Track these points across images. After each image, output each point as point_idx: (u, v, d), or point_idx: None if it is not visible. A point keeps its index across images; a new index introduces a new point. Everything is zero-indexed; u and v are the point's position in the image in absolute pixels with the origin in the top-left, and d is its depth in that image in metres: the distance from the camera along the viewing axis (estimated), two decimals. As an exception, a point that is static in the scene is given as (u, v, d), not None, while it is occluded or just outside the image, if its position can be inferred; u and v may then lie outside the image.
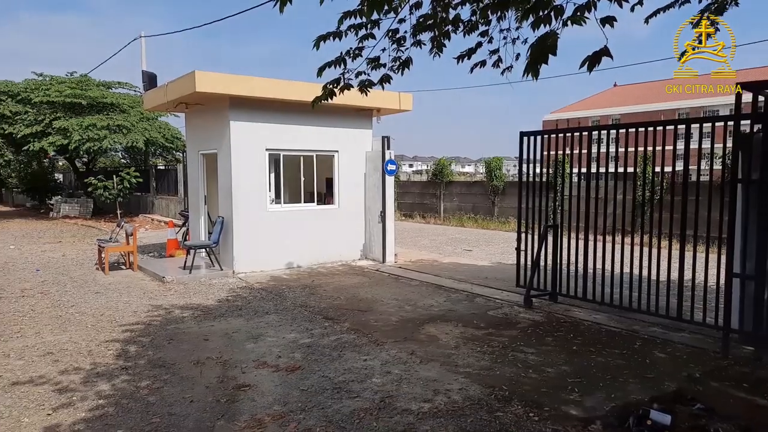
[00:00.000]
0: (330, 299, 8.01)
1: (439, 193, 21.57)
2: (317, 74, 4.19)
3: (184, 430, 3.93)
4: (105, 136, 19.20)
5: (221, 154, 10.22)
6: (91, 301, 7.80)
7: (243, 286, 8.94)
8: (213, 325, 6.64)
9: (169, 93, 10.22)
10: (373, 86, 4.38)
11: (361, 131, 11.43)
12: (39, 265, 10.90)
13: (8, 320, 6.79)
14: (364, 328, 6.51)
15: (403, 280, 9.48)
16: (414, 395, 4.53)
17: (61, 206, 22.79)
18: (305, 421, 4.05)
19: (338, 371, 5.08)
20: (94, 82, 22.08)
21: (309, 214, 10.94)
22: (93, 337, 6.07)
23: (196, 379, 4.92)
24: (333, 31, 4.06)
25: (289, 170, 10.87)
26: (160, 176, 23.24)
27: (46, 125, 19.32)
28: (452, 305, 7.70)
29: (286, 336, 6.21)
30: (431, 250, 13.40)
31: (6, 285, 8.89)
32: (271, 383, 4.81)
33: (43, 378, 4.87)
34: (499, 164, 19.96)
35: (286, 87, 9.91)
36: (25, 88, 20.49)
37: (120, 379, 4.87)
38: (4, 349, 5.65)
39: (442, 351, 5.69)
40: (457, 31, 4.22)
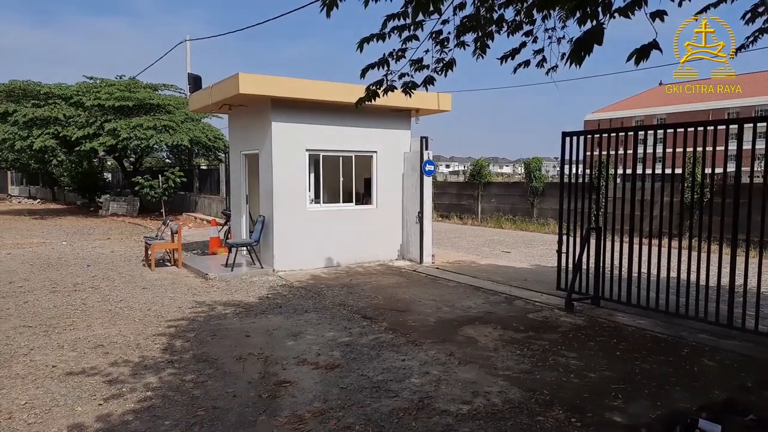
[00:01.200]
0: (368, 299, 8.06)
1: (476, 194, 21.38)
2: (361, 75, 4.23)
3: (227, 423, 4.04)
4: (151, 135, 19.87)
5: (263, 155, 10.42)
6: (139, 297, 8.08)
7: (283, 284, 9.09)
8: (254, 322, 6.78)
9: (214, 95, 10.49)
10: (417, 87, 4.39)
11: (399, 132, 11.45)
12: (89, 260, 11.36)
13: (62, 313, 7.11)
14: (402, 328, 6.52)
15: (441, 281, 9.45)
16: (453, 396, 4.52)
17: (109, 204, 23.68)
18: (345, 419, 4.10)
19: (377, 370, 5.11)
20: (141, 84, 22.86)
21: (347, 214, 11.04)
22: (141, 331, 6.30)
23: (238, 374, 5.04)
24: (377, 32, 4.09)
25: (328, 170, 10.99)
26: (202, 176, 23.88)
27: (98, 127, 20.11)
28: (491, 307, 7.63)
29: (325, 334, 6.28)
30: (469, 251, 13.31)
31: (59, 279, 9.31)
32: (311, 380, 4.88)
33: (95, 369, 5.08)
34: (539, 165, 19.64)
35: (326, 88, 10.02)
36: (78, 91, 21.37)
37: (166, 372, 5.04)
38: (58, 341, 5.92)
39: (481, 353, 5.65)
40: (500, 31, 4.19)
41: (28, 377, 4.88)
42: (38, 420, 4.05)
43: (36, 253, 12.39)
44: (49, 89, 21.36)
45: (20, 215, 23.37)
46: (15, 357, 5.39)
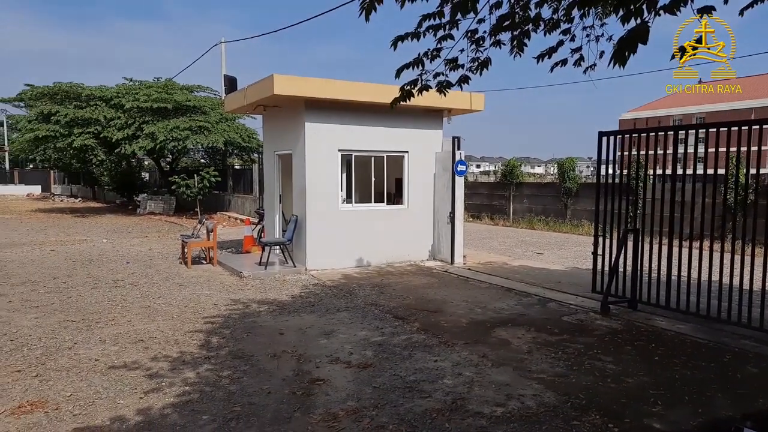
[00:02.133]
0: (399, 299, 8.07)
1: (508, 195, 21.14)
2: (395, 76, 4.24)
3: (263, 419, 4.10)
4: (187, 137, 20.40)
5: (296, 155, 10.55)
6: (176, 293, 8.28)
7: (315, 283, 9.18)
8: (287, 320, 6.87)
9: (249, 96, 10.66)
10: (452, 87, 4.37)
11: (431, 132, 11.42)
12: (129, 257, 11.69)
13: (103, 309, 7.34)
14: (434, 329, 6.51)
15: (473, 282, 9.38)
16: (486, 398, 4.49)
17: (147, 203, 24.33)
18: (378, 418, 4.12)
19: (409, 370, 5.12)
20: (178, 86, 23.42)
21: (379, 214, 11.07)
22: (178, 327, 6.45)
23: (273, 371, 5.11)
24: (411, 31, 4.09)
25: (360, 170, 11.04)
26: (236, 176, 24.30)
27: (136, 128, 20.71)
28: (524, 309, 7.54)
29: (358, 333, 6.32)
30: (500, 252, 13.18)
31: (100, 276, 9.61)
32: (344, 379, 4.92)
33: (136, 363, 5.23)
34: (572, 165, 19.29)
35: (359, 89, 10.07)
36: (117, 93, 22.04)
37: (203, 367, 5.15)
38: (100, 335, 6.12)
39: (514, 355, 5.59)
40: (537, 30, 4.13)
41: (73, 370, 5.06)
42: (83, 411, 4.20)
43: (78, 250, 12.82)
44: (91, 91, 22.10)
45: (63, 213, 24.22)
46: (60, 350, 5.60)
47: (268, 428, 3.95)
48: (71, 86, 22.57)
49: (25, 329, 6.32)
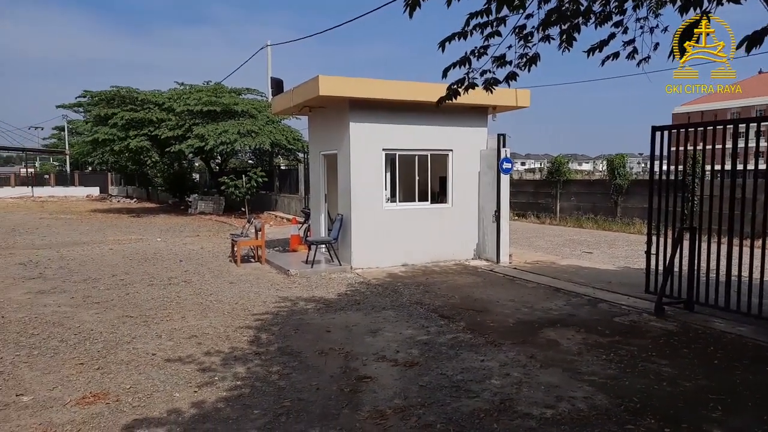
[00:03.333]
0: (444, 298, 8.03)
1: (555, 192, 20.67)
2: (442, 75, 4.23)
3: (312, 415, 4.17)
4: (236, 140, 21.01)
5: (341, 155, 10.66)
6: (227, 291, 8.53)
7: (360, 282, 9.25)
8: (334, 318, 6.96)
9: (295, 97, 10.86)
10: (499, 84, 4.32)
11: (475, 129, 11.31)
12: (182, 256, 12.12)
13: (159, 305, 7.64)
14: (480, 329, 6.45)
15: (519, 282, 9.24)
16: (535, 400, 4.42)
17: (197, 203, 25.13)
18: (425, 417, 4.12)
19: (456, 370, 5.09)
20: (226, 89, 24.09)
21: (423, 213, 11.05)
22: (229, 324, 6.64)
23: (320, 368, 5.19)
24: (458, 31, 4.08)
25: (403, 169, 11.05)
26: (282, 176, 24.78)
27: (186, 130, 21.47)
28: (573, 309, 7.37)
29: (403, 332, 6.33)
30: (547, 251, 12.91)
31: (156, 273, 10.00)
32: (391, 377, 4.94)
33: (190, 358, 5.42)
34: (623, 161, 18.67)
35: (403, 88, 10.09)
36: (169, 98, 22.88)
37: (254, 363, 5.28)
38: (157, 331, 6.37)
39: (564, 356, 5.47)
40: (588, 23, 4.03)
41: (132, 363, 5.29)
42: (141, 404, 4.38)
43: (134, 248, 13.38)
44: (145, 96, 23.02)
45: (119, 213, 25.32)
46: (120, 345, 5.86)
47: (317, 424, 4.02)
48: (127, 91, 23.56)
49: (87, 324, 6.65)
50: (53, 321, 6.78)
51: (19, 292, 8.41)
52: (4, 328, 6.45)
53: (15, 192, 41.92)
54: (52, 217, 23.25)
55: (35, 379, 4.90)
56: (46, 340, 6.02)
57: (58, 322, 6.71)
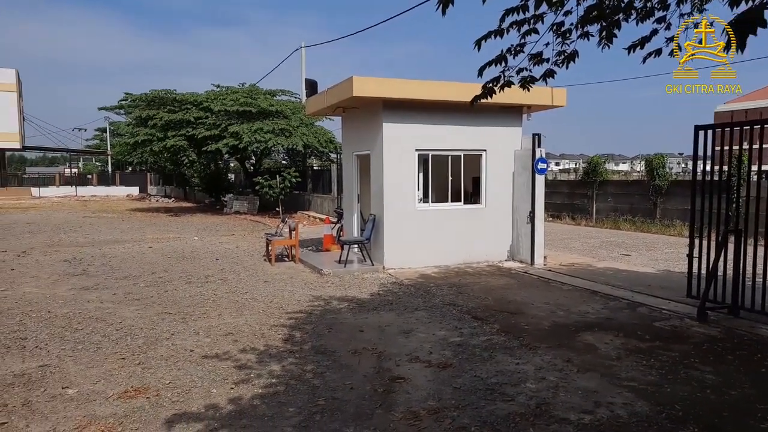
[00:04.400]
0: (478, 299, 7.96)
1: (591, 193, 20.24)
2: (478, 74, 4.20)
3: (346, 414, 4.19)
4: (270, 139, 21.42)
5: (374, 155, 10.68)
6: (261, 289, 8.65)
7: (393, 282, 9.26)
8: (367, 318, 6.98)
9: (329, 98, 10.94)
10: (536, 82, 4.26)
11: (509, 129, 11.18)
12: (218, 254, 12.36)
13: (196, 302, 7.81)
14: (514, 331, 6.37)
15: (554, 284, 9.08)
16: (572, 405, 4.33)
17: (233, 203, 25.59)
18: (459, 419, 4.08)
19: (490, 372, 5.04)
20: (261, 91, 24.51)
21: (456, 214, 10.98)
22: (264, 322, 6.74)
23: (354, 367, 5.21)
24: (494, 29, 4.03)
25: (436, 170, 11.00)
26: (315, 176, 25.02)
27: (222, 129, 21.95)
28: (610, 313, 7.20)
29: (436, 333, 6.30)
30: (583, 253, 12.65)
31: (193, 271, 10.23)
32: (424, 378, 4.92)
33: (227, 355, 5.52)
34: (662, 162, 18.14)
35: (436, 88, 10.05)
36: (207, 98, 23.41)
37: (288, 361, 5.34)
38: (194, 327, 6.52)
39: (602, 361, 5.35)
40: (629, 19, 3.93)
41: (171, 359, 5.42)
42: (180, 399, 4.48)
43: (172, 247, 13.71)
44: (183, 97, 23.61)
45: (158, 212, 26.00)
46: (159, 341, 6.01)
47: (351, 423, 4.03)
48: (165, 93, 24.20)
49: (128, 320, 6.85)
50: (96, 316, 7.01)
51: (64, 288, 8.72)
52: (51, 323, 6.70)
53: (60, 191, 43.55)
54: (95, 215, 24.05)
55: (80, 372, 5.07)
56: (90, 335, 6.23)
57: (101, 318, 6.93)
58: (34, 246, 13.73)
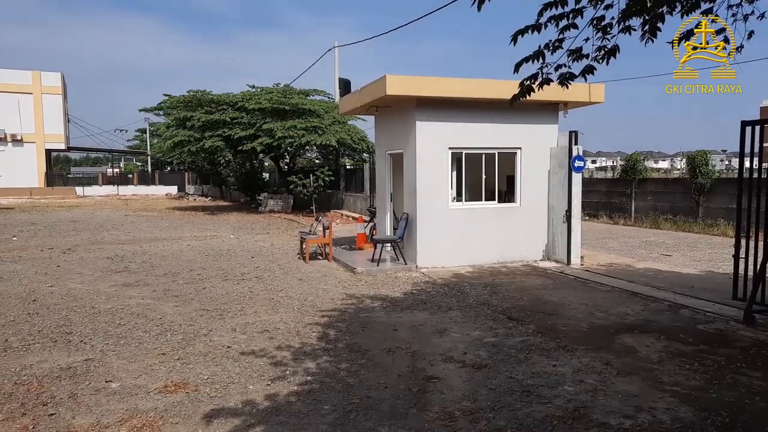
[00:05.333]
0: (512, 299, 7.86)
1: (629, 192, 19.72)
2: (514, 70, 4.13)
3: (380, 413, 4.19)
4: (303, 135, 21.78)
5: (407, 154, 10.66)
6: (296, 287, 8.75)
7: (426, 281, 9.22)
8: (400, 317, 6.97)
9: (362, 97, 10.97)
10: (575, 78, 4.16)
11: (545, 126, 10.98)
12: (253, 252, 12.56)
13: (233, 299, 7.94)
14: (550, 332, 6.25)
15: (591, 285, 8.88)
16: (612, 409, 4.22)
17: (267, 201, 25.96)
18: (495, 421, 4.03)
19: (526, 374, 4.96)
20: (295, 90, 24.83)
21: (489, 213, 10.86)
22: (299, 319, 6.81)
23: (388, 366, 5.21)
24: (531, 24, 3.96)
25: (470, 168, 10.90)
26: (348, 175, 25.17)
27: (257, 129, 22.34)
28: (651, 315, 6.99)
29: (470, 333, 6.25)
30: (622, 253, 12.34)
31: (229, 269, 10.42)
32: (459, 378, 4.89)
33: (263, 352, 5.60)
34: (705, 158, 17.52)
35: (470, 85, 9.95)
36: (242, 98, 23.84)
37: (323, 359, 5.38)
38: (231, 324, 6.63)
39: (643, 365, 5.20)
40: (673, 12, 3.80)
41: (209, 355, 5.53)
42: (218, 394, 4.57)
43: (209, 245, 14.00)
44: (219, 98, 24.10)
45: (195, 211, 26.60)
46: (197, 337, 6.15)
47: (386, 422, 4.03)
48: (202, 94, 24.72)
49: (168, 316, 7.03)
50: (137, 312, 7.21)
51: (107, 285, 9.01)
52: (95, 318, 6.93)
53: (102, 190, 45.04)
54: (135, 214, 24.77)
55: (122, 366, 5.23)
56: (131, 330, 6.42)
57: (142, 314, 7.13)
58: (78, 243, 14.24)
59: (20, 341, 5.98)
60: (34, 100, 42.94)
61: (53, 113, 43.89)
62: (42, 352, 5.63)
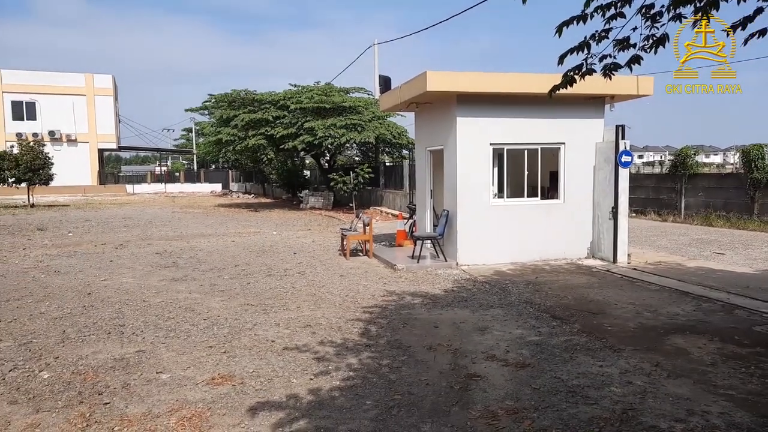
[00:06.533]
0: (556, 298, 7.70)
1: (679, 187, 19.00)
2: (558, 62, 4.04)
3: (422, 410, 4.19)
4: (343, 134, 21.93)
5: (447, 150, 10.59)
6: (337, 283, 8.84)
7: (467, 278, 9.15)
8: (441, 314, 6.95)
9: (403, 94, 10.96)
10: (620, 69, 4.04)
11: (590, 121, 10.70)
12: (295, 249, 12.75)
13: (276, 295, 8.09)
14: (596, 332, 6.10)
15: (639, 284, 8.61)
16: (662, 412, 4.09)
17: (308, 199, 26.31)
18: (540, 421, 3.97)
19: (571, 374, 4.86)
20: (335, 88, 25.06)
21: (532, 209, 10.67)
22: (341, 315, 6.87)
23: (429, 363, 5.20)
24: (577, 15, 3.86)
25: (512, 164, 10.73)
26: (387, 172, 25.23)
27: (299, 127, 22.64)
28: (704, 316, 6.73)
29: (513, 331, 6.16)
30: (671, 251, 11.91)
31: (272, 265, 10.62)
32: (501, 377, 4.83)
33: (306, 347, 5.69)
34: (761, 152, 16.68)
35: (513, 80, 9.79)
36: (284, 97, 24.22)
37: (365, 355, 5.42)
38: (275, 319, 6.76)
39: (695, 367, 5.01)
40: (729, -2, 3.63)
41: (254, 349, 5.65)
42: (263, 387, 4.67)
43: (253, 241, 14.30)
44: (261, 97, 24.55)
45: (239, 208, 27.21)
46: (242, 331, 6.29)
47: (428, 419, 4.03)
48: (245, 93, 25.24)
49: (214, 310, 7.22)
50: (185, 306, 7.44)
51: (156, 279, 9.33)
52: (146, 311, 7.19)
53: (151, 188, 46.64)
54: (182, 211, 25.55)
55: (171, 358, 5.41)
56: (180, 323, 6.63)
57: (190, 308, 7.35)
58: (129, 239, 14.80)
59: (77, 332, 6.27)
60: (87, 101, 44.84)
61: (105, 114, 45.75)
62: (97, 344, 5.88)
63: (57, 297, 8.03)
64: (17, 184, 26.63)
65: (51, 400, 4.46)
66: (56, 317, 6.93)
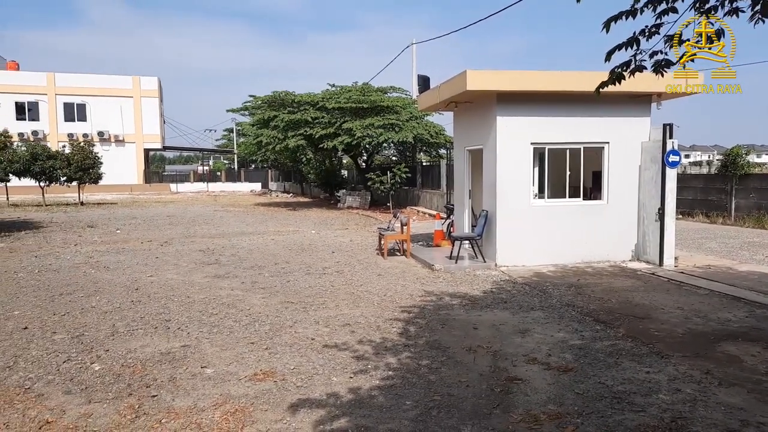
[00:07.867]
0: (599, 301, 7.52)
1: (729, 188, 18.24)
2: (605, 59, 3.94)
3: (462, 412, 4.16)
4: (381, 134, 22.01)
5: (486, 150, 10.48)
6: (375, 282, 8.87)
7: (506, 280, 9.03)
8: (480, 315, 6.88)
9: (442, 93, 10.90)
10: (671, 66, 3.90)
11: (636, 119, 10.39)
12: (333, 248, 12.87)
13: (315, 293, 8.18)
14: (642, 337, 5.93)
15: (687, 288, 8.32)
16: (713, 421, 3.94)
17: (346, 198, 26.51)
18: (584, 427, 3.88)
19: (616, 380, 4.73)
20: (373, 88, 25.14)
21: (574, 210, 10.44)
22: (379, 314, 6.89)
23: (469, 365, 5.16)
24: (626, 9, 3.75)
25: (553, 164, 10.53)
26: (425, 172, 25.15)
27: (337, 127, 22.82)
28: (757, 322, 6.44)
29: (554, 335, 6.05)
30: (721, 254, 11.45)
31: (311, 263, 10.74)
32: (543, 381, 4.75)
33: (345, 345, 5.73)
34: (822, 151, 15.85)
35: (555, 78, 9.61)
36: (323, 98, 24.46)
37: (404, 355, 5.42)
38: (315, 317, 6.84)
39: (749, 375, 4.81)
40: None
41: (294, 346, 5.73)
42: (304, 384, 4.73)
43: (292, 239, 14.51)
44: (301, 98, 24.86)
45: (278, 207, 27.64)
46: (283, 328, 6.39)
47: (469, 422, 4.00)
48: (285, 94, 25.60)
49: (255, 307, 7.36)
50: (228, 303, 7.61)
51: (200, 276, 9.58)
52: (190, 307, 7.39)
53: (194, 187, 47.92)
54: (224, 209, 26.13)
55: (215, 354, 5.54)
56: (223, 319, 6.78)
57: (232, 304, 7.51)
58: (173, 237, 15.24)
59: (125, 326, 6.49)
60: (134, 103, 46.38)
61: (151, 115, 47.22)
62: (144, 338, 6.08)
63: (106, 292, 8.34)
64: (68, 182, 27.82)
65: (102, 391, 4.64)
66: (106, 311, 7.20)
